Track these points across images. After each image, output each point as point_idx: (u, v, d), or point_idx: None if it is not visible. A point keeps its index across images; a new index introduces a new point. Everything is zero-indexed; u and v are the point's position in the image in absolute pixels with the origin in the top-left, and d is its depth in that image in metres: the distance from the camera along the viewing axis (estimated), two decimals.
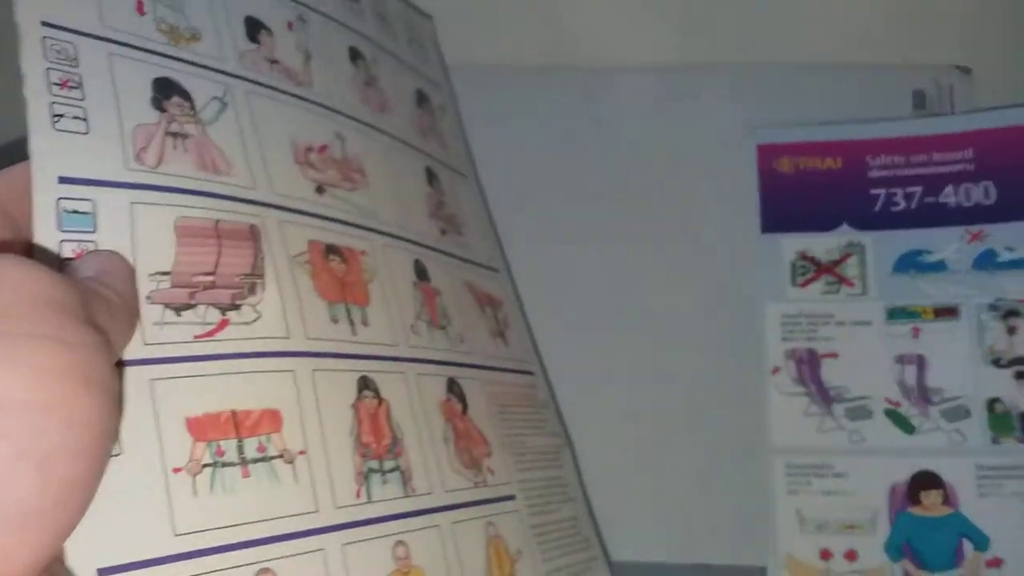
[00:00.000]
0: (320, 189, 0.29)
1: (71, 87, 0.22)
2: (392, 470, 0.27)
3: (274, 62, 0.29)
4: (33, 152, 0.21)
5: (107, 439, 0.17)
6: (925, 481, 0.34)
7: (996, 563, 0.33)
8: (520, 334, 0.38)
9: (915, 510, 0.34)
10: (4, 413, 0.15)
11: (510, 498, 0.31)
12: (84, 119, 0.22)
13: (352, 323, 0.27)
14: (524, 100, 0.46)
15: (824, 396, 0.37)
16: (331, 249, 0.28)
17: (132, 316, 0.20)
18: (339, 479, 0.24)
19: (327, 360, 0.26)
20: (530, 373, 0.37)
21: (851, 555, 0.34)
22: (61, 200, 0.21)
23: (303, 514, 0.23)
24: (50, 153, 0.21)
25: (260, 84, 0.28)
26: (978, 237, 0.37)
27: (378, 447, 0.26)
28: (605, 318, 0.42)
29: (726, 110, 0.43)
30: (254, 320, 0.24)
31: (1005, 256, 0.36)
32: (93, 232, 0.21)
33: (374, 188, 0.31)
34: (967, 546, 0.34)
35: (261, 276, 0.25)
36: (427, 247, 0.33)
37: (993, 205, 0.37)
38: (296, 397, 0.24)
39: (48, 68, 0.22)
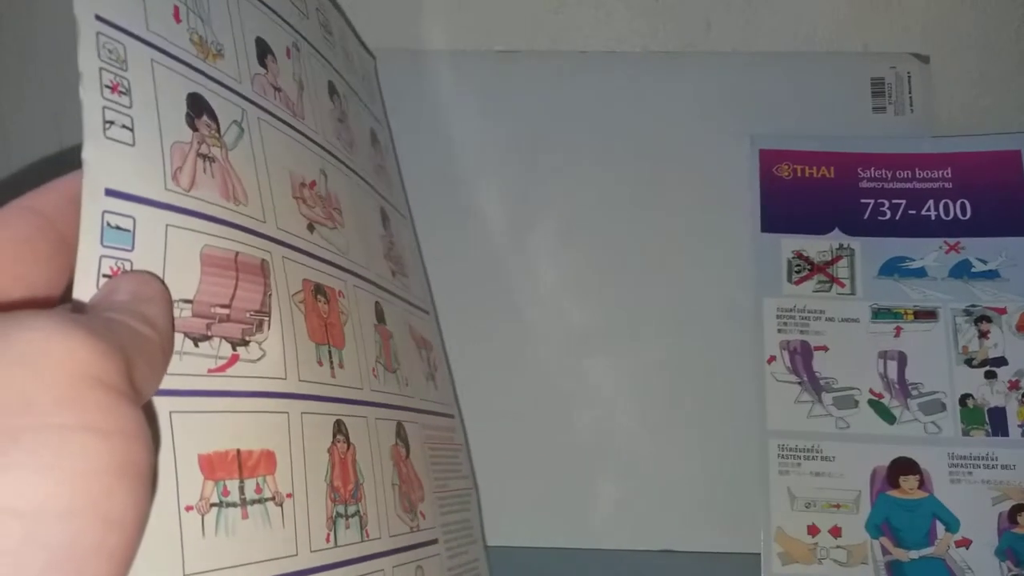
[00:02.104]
0: (311, 227, 0.29)
1: (121, 92, 0.21)
2: (353, 515, 0.27)
3: (278, 89, 0.29)
4: (85, 160, 0.19)
5: (140, 533, 0.16)
6: (903, 467, 0.38)
7: (965, 543, 0.37)
8: (445, 377, 0.40)
9: (894, 493, 0.38)
10: (38, 522, 0.14)
11: (434, 542, 0.33)
12: (131, 129, 0.21)
13: (332, 365, 0.28)
14: (503, 85, 0.46)
15: (815, 385, 0.40)
16: (318, 289, 0.28)
17: (167, 355, 0.20)
18: (314, 523, 0.25)
19: (312, 403, 0.26)
20: (451, 416, 0.39)
21: (836, 531, 0.37)
22: (106, 213, 0.19)
23: (285, 557, 0.23)
24: (100, 162, 0.20)
25: (268, 112, 0.28)
26: (954, 248, 0.41)
27: (344, 492, 0.27)
28: (612, 305, 0.43)
29: (689, 98, 0.45)
30: (259, 358, 0.24)
31: (978, 267, 0.41)
32: (131, 251, 0.20)
33: (347, 227, 0.32)
34: (939, 527, 0.37)
35: (268, 313, 0.24)
36: (384, 289, 0.34)
37: (968, 221, 0.41)
38: (288, 439, 0.24)
39: (101, 68, 0.20)
